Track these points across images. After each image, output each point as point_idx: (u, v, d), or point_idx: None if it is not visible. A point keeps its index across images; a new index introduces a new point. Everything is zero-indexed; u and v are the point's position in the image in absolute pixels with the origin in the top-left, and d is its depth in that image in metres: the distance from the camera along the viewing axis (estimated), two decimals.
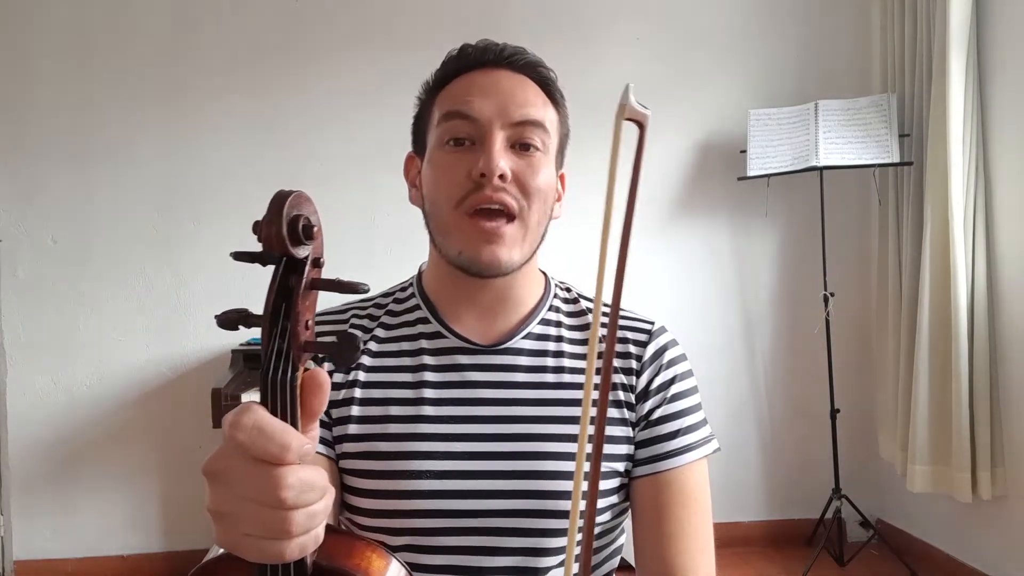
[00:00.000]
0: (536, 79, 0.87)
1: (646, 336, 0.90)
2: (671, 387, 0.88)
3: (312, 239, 0.51)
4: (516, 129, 0.82)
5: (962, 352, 2.50)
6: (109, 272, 2.86)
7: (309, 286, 0.52)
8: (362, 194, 2.93)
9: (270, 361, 0.50)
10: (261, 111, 2.93)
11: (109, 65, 2.85)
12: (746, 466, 3.15)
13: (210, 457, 0.47)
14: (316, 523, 0.48)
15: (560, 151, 0.90)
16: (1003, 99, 2.53)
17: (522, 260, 0.84)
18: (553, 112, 0.87)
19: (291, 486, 0.45)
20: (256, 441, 0.45)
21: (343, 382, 0.87)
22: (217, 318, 0.51)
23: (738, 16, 3.14)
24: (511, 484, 0.82)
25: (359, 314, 0.92)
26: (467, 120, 0.82)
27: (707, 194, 3.12)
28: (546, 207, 0.85)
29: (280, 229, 0.49)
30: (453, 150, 0.83)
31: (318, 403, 0.51)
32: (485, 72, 0.85)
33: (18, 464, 2.81)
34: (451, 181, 0.82)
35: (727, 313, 3.16)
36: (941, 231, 2.58)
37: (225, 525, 0.47)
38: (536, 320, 0.90)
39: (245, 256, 0.51)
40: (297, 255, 0.50)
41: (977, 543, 2.64)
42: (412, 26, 2.96)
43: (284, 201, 0.49)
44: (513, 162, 0.82)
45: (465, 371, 0.87)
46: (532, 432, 0.84)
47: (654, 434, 0.86)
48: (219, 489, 0.47)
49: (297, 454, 0.46)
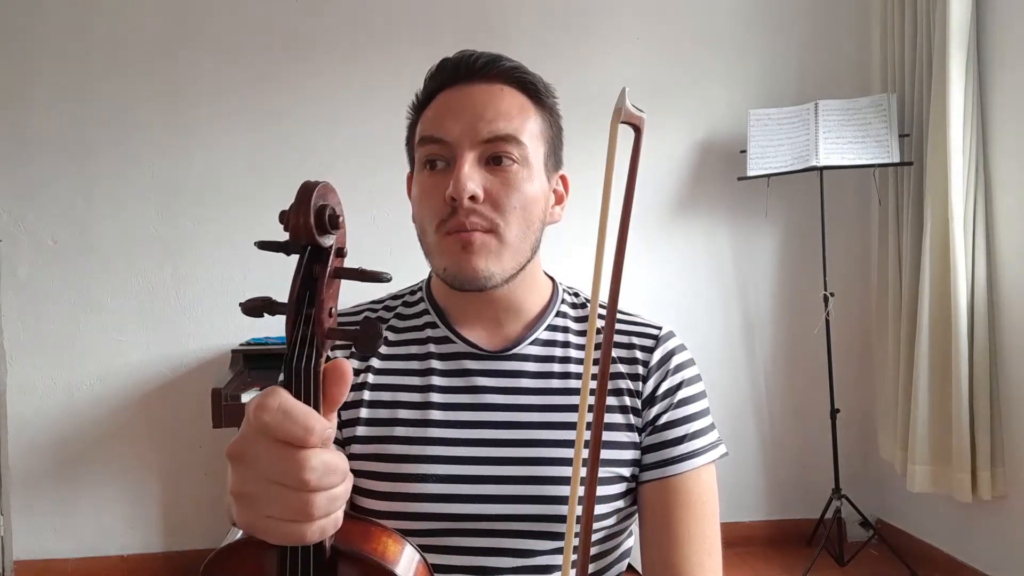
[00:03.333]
0: (514, 84, 0.86)
1: (653, 341, 0.90)
2: (678, 392, 0.88)
3: (337, 228, 0.52)
4: (486, 146, 0.82)
5: (962, 352, 2.50)
6: (109, 272, 2.86)
7: (333, 275, 0.53)
8: (362, 194, 2.93)
9: (295, 348, 0.51)
10: (261, 110, 2.93)
11: (109, 65, 2.85)
12: (746, 466, 3.15)
13: (234, 440, 0.48)
14: (336, 507, 0.49)
15: (552, 154, 0.89)
16: (1003, 99, 2.53)
17: (505, 274, 0.83)
18: (535, 118, 0.86)
19: (314, 468, 0.46)
20: (282, 423, 0.46)
21: (354, 384, 0.87)
22: (242, 305, 0.51)
23: (738, 16, 3.14)
24: (517, 489, 0.82)
25: (370, 315, 0.93)
26: (439, 143, 0.83)
27: (707, 194, 3.12)
28: (529, 219, 0.84)
29: (308, 219, 0.50)
30: (430, 174, 0.84)
31: (339, 393, 0.52)
32: (458, 89, 0.85)
33: (18, 464, 2.81)
34: (431, 204, 0.83)
35: (727, 313, 3.16)
36: (941, 231, 2.58)
37: (247, 507, 0.48)
38: (543, 326, 0.91)
39: (271, 245, 0.52)
40: (323, 244, 0.52)
41: (977, 543, 2.64)
42: (412, 23, 2.96)
43: (312, 191, 0.50)
44: (486, 180, 0.82)
45: (472, 376, 0.87)
46: (538, 438, 0.84)
47: (661, 439, 0.86)
48: (242, 471, 0.48)
49: (321, 437, 0.46)
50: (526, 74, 0.87)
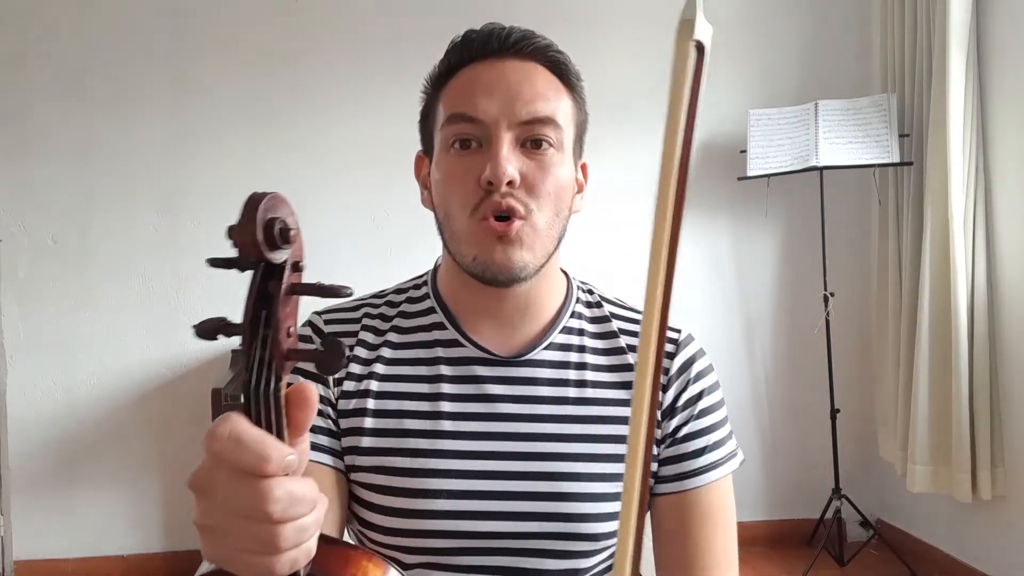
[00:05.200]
0: (547, 64, 0.81)
1: (673, 347, 0.85)
2: (698, 403, 0.84)
3: (290, 243, 0.47)
4: (524, 127, 0.77)
5: (962, 352, 2.50)
6: (109, 272, 2.86)
7: (289, 291, 0.49)
8: (365, 195, 2.93)
9: (252, 371, 0.48)
10: (262, 110, 2.93)
11: (109, 65, 2.85)
12: (746, 466, 3.11)
13: (195, 470, 0.46)
14: (307, 536, 0.46)
15: (579, 139, 0.84)
16: (1003, 99, 2.53)
17: (536, 264, 0.78)
18: (567, 100, 0.81)
19: (278, 499, 0.43)
20: (232, 452, 0.43)
21: (354, 391, 0.82)
22: (196, 328, 0.47)
23: (738, 16, 3.14)
24: (532, 506, 0.78)
25: (371, 313, 0.87)
26: (472, 122, 0.77)
27: (707, 194, 3.12)
28: (559, 207, 0.79)
29: (255, 235, 0.45)
30: (460, 154, 0.78)
31: (304, 417, 0.48)
32: (489, 64, 0.79)
33: (18, 464, 2.81)
34: (462, 188, 0.77)
35: (727, 313, 3.16)
36: (941, 231, 2.58)
37: (213, 540, 0.45)
38: (558, 329, 0.85)
39: (221, 262, 0.48)
40: (274, 260, 0.47)
41: (977, 543, 2.64)
42: (415, 24, 2.95)
43: (258, 204, 0.46)
44: (522, 163, 0.77)
45: (484, 384, 0.82)
46: (554, 451, 0.80)
47: (680, 452, 0.83)
48: (205, 503, 0.45)
49: (279, 465, 0.43)
50: (559, 54, 0.82)
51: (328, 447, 0.80)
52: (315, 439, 0.79)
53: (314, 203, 2.92)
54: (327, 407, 0.81)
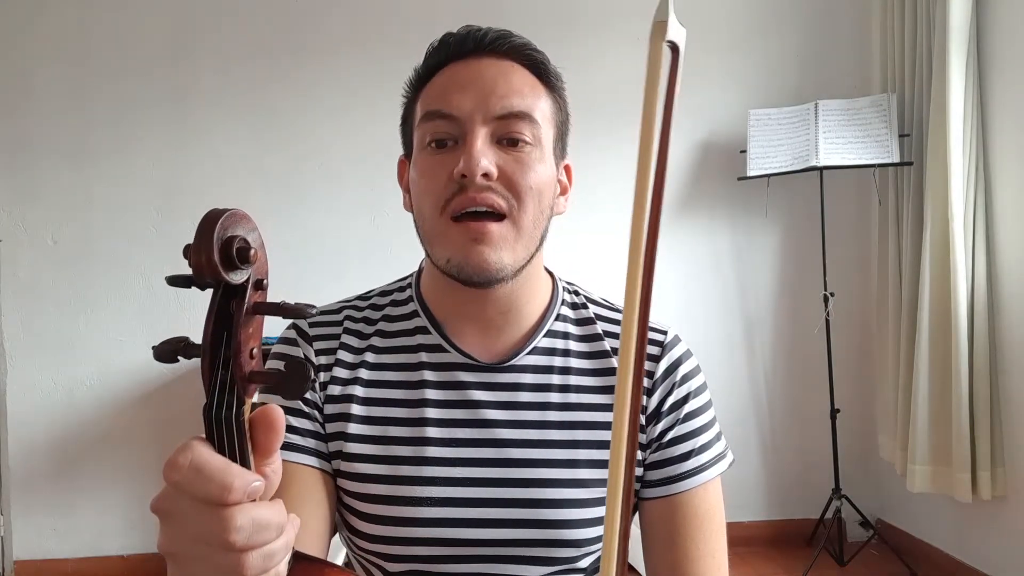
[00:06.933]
0: (525, 63, 0.80)
1: (658, 349, 0.84)
2: (684, 406, 0.83)
3: (249, 262, 0.45)
4: (500, 123, 0.76)
5: (962, 352, 2.50)
6: (109, 272, 2.86)
7: (251, 311, 0.46)
8: (363, 194, 2.93)
9: (213, 395, 0.45)
10: (261, 111, 2.93)
11: (109, 65, 2.85)
12: (746, 466, 3.15)
13: (157, 495, 0.44)
14: (275, 563, 0.45)
15: (560, 140, 0.83)
16: (1003, 99, 2.53)
17: (516, 265, 0.77)
18: (546, 98, 0.80)
19: (240, 528, 0.42)
20: (193, 482, 0.42)
21: (340, 395, 0.81)
22: (154, 350, 0.45)
23: (738, 16, 3.14)
24: (516, 513, 0.78)
25: (354, 316, 0.86)
26: (447, 119, 0.76)
27: (707, 194, 3.12)
28: (542, 205, 0.78)
29: (211, 255, 0.43)
30: (435, 152, 0.77)
31: (270, 441, 0.47)
32: (466, 63, 0.79)
33: (18, 464, 2.81)
34: (434, 185, 0.76)
35: (727, 313, 3.16)
36: (941, 231, 2.58)
37: (178, 566, 0.44)
38: (542, 332, 0.84)
39: (179, 281, 0.45)
40: (233, 281, 0.45)
41: (977, 543, 2.64)
42: (412, 24, 2.95)
43: (215, 223, 0.43)
44: (500, 158, 0.75)
45: (468, 390, 0.81)
46: (537, 458, 0.79)
47: (667, 456, 0.82)
48: (168, 528, 0.44)
49: (242, 493, 0.42)
50: (536, 52, 0.82)
51: (315, 449, 0.80)
52: (302, 441, 0.79)
53: (314, 202, 2.92)
54: (314, 410, 0.81)
